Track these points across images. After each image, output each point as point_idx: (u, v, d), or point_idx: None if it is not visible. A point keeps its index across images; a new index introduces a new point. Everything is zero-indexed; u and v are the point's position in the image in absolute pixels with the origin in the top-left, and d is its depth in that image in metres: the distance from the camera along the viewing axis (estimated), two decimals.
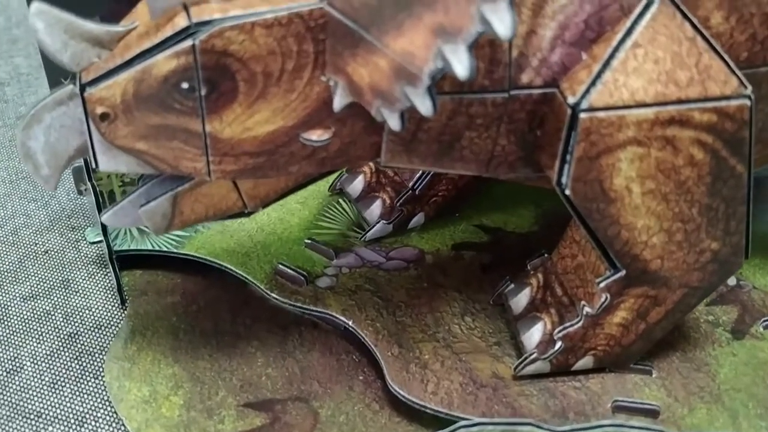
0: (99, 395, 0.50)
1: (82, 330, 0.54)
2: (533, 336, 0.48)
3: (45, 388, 0.51)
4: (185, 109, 0.39)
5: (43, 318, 0.55)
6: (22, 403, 0.50)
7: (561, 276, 0.49)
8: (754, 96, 0.40)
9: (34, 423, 0.48)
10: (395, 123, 0.37)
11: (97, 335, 0.54)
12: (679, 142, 0.40)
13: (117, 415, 0.48)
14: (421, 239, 0.59)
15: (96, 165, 0.42)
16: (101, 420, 0.49)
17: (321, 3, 0.38)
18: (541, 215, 0.61)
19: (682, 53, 0.39)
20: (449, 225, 0.60)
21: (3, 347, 0.53)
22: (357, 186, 0.60)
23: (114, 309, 0.56)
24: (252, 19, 0.38)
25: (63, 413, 0.49)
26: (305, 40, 0.38)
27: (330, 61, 0.39)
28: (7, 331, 0.54)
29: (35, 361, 0.52)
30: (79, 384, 0.51)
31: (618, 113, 0.39)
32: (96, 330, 0.54)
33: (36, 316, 0.56)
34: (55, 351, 0.53)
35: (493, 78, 0.40)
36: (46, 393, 0.50)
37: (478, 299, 0.53)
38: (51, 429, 0.48)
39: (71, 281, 0.58)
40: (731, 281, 0.54)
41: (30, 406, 0.50)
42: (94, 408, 0.49)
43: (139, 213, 0.45)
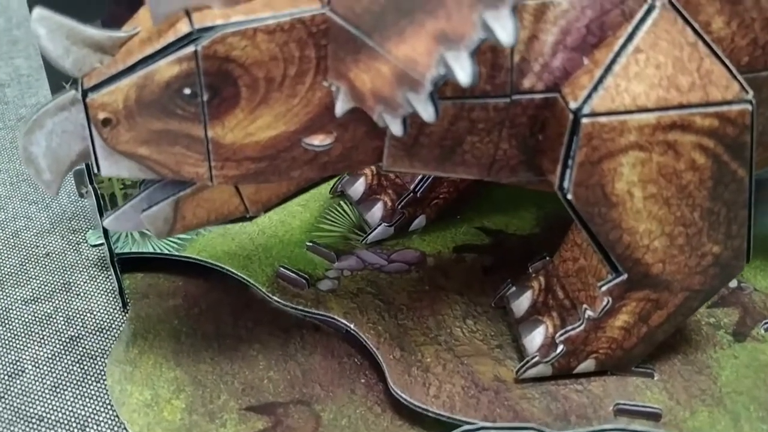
0: (101, 399, 0.50)
1: (83, 333, 0.54)
2: (535, 339, 0.48)
3: (47, 391, 0.51)
4: (187, 115, 0.39)
5: (45, 321, 0.55)
6: (23, 407, 0.50)
7: (563, 279, 0.49)
8: (755, 100, 0.40)
9: (35, 427, 0.48)
10: (397, 128, 0.37)
11: (99, 338, 0.54)
12: (681, 146, 0.40)
13: (119, 419, 0.48)
14: (423, 241, 0.59)
15: (98, 170, 0.42)
16: (103, 424, 0.49)
17: (323, 9, 0.38)
18: (543, 217, 0.61)
19: (683, 58, 0.39)
20: (450, 227, 0.60)
21: (4, 351, 0.53)
22: (358, 188, 0.60)
23: (115, 312, 0.56)
24: (254, 25, 0.38)
25: (65, 417, 0.49)
26: (307, 45, 0.38)
27: (332, 67, 0.39)
28: (9, 335, 0.54)
29: (37, 365, 0.52)
30: (81, 388, 0.51)
31: (620, 118, 0.39)
32: (97, 333, 0.54)
33: (37, 319, 0.56)
34: (57, 354, 0.53)
35: (495, 83, 0.40)
36: (47, 397, 0.50)
37: (479, 302, 0.53)
38: None
39: (72, 284, 0.58)
40: (732, 283, 0.54)
41: (32, 410, 0.50)
42: (95, 412, 0.49)
43: (141, 218, 0.45)
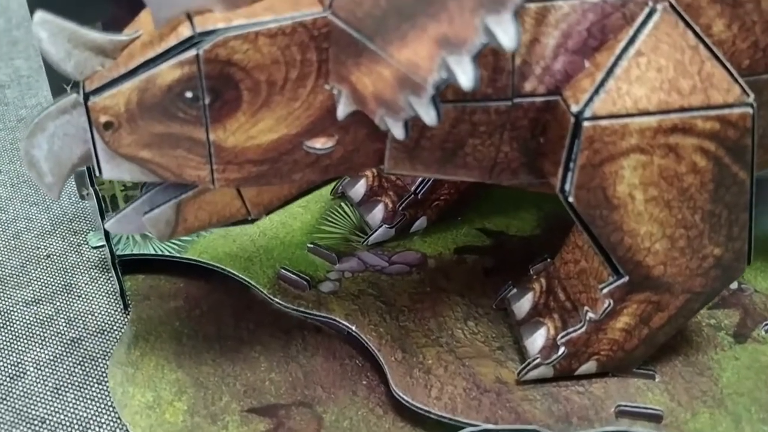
0: (102, 401, 0.50)
1: (84, 335, 0.54)
2: (536, 341, 0.48)
3: (48, 393, 0.51)
4: (189, 118, 0.39)
5: (46, 323, 0.55)
6: (25, 409, 0.50)
7: (564, 281, 0.49)
8: (756, 103, 0.40)
9: (37, 429, 0.49)
10: (399, 132, 0.37)
11: (100, 340, 0.54)
12: (682, 149, 0.40)
13: (121, 421, 0.48)
14: (424, 243, 0.59)
15: (99, 173, 0.42)
16: (105, 426, 0.49)
17: (324, 12, 0.38)
18: (543, 218, 0.61)
19: (684, 61, 0.39)
20: (451, 229, 0.60)
21: (6, 352, 0.53)
22: (359, 190, 0.60)
23: (117, 314, 0.56)
24: (256, 29, 0.38)
25: (67, 419, 0.49)
26: (309, 49, 0.38)
27: (333, 70, 0.39)
28: (10, 336, 0.54)
29: (38, 367, 0.52)
30: (83, 389, 0.51)
31: (621, 121, 0.39)
32: (99, 335, 0.54)
33: (38, 320, 0.56)
34: (58, 356, 0.53)
35: (497, 86, 0.40)
36: (49, 399, 0.50)
37: (480, 303, 0.53)
38: None
39: (73, 286, 0.58)
40: (733, 285, 0.54)
41: (33, 411, 0.50)
42: (97, 414, 0.49)
43: (143, 220, 0.45)
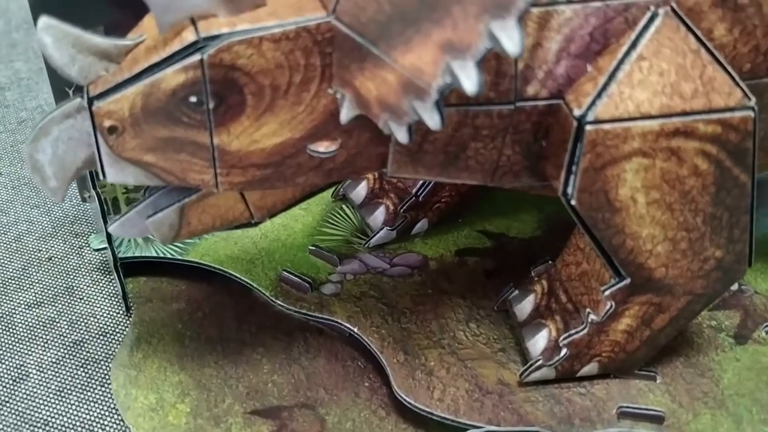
0: (105, 403, 0.50)
1: (87, 337, 0.55)
2: (538, 343, 0.48)
3: (51, 396, 0.51)
4: (193, 123, 0.40)
5: (48, 325, 0.56)
6: (28, 412, 0.50)
7: (565, 283, 0.49)
8: (757, 107, 0.40)
9: (41, 431, 0.49)
10: (403, 136, 0.38)
11: (103, 342, 0.54)
12: (684, 153, 0.40)
13: (124, 423, 0.48)
14: (425, 245, 0.59)
15: (104, 177, 0.42)
16: (108, 428, 0.49)
17: (328, 17, 0.38)
18: (544, 220, 0.61)
19: (686, 65, 0.39)
20: (452, 231, 0.60)
21: (8, 355, 0.53)
22: (360, 192, 0.60)
23: (119, 316, 0.56)
24: (260, 34, 0.38)
25: (70, 421, 0.49)
26: (312, 53, 0.39)
27: (337, 75, 0.39)
28: (13, 339, 0.55)
29: (41, 369, 0.52)
30: (86, 392, 0.51)
31: (623, 125, 0.39)
32: (101, 337, 0.54)
33: (41, 323, 0.56)
34: (61, 359, 0.53)
35: (499, 90, 0.40)
36: (52, 401, 0.50)
37: (482, 305, 0.53)
38: None
39: (75, 288, 0.59)
40: (733, 286, 0.54)
41: (37, 414, 0.50)
42: (100, 416, 0.49)
43: (147, 224, 0.45)
